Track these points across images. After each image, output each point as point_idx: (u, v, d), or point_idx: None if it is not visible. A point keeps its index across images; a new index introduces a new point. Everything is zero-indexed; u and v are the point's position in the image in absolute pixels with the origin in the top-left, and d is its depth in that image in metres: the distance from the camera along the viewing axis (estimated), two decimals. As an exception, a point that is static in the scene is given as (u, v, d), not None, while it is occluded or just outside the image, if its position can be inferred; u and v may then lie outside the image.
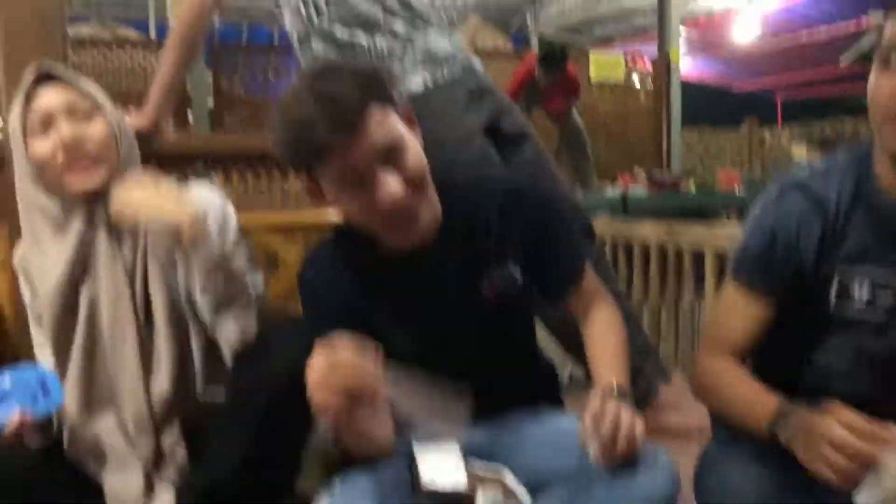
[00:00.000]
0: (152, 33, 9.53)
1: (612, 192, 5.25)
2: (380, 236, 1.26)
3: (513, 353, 1.38)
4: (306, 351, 1.09)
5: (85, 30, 8.79)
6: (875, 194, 1.20)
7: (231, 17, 10.55)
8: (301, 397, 1.13)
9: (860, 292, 1.20)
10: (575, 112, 5.68)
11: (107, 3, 12.18)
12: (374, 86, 1.17)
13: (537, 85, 5.29)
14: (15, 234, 1.41)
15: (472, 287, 1.31)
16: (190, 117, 6.13)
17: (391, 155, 1.17)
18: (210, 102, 6.50)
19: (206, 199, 1.35)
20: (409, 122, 1.23)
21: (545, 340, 1.59)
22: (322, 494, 1.20)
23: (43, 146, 1.29)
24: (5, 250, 1.54)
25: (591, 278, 1.41)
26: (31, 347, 1.44)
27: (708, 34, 12.25)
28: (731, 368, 1.26)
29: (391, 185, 1.16)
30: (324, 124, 1.11)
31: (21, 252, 1.40)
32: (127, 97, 6.23)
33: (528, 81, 5.32)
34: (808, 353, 1.27)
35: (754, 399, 1.18)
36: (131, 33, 9.09)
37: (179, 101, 4.64)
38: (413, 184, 1.19)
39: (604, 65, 7.17)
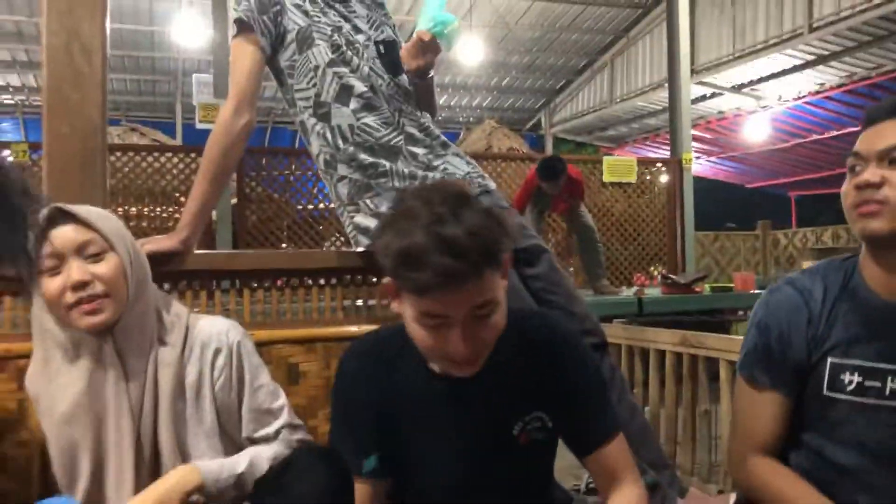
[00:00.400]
0: (178, 136, 9.90)
1: (627, 294, 5.30)
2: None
3: (532, 488, 1.40)
4: (328, 483, 1.13)
5: (114, 131, 9.16)
6: (860, 288, 1.31)
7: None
8: None
9: (850, 380, 1.29)
10: (585, 211, 5.76)
11: (135, 107, 12.74)
12: (494, 250, 1.16)
13: (542, 193, 5.40)
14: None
15: (505, 429, 1.33)
16: (213, 214, 6.28)
17: (479, 312, 1.18)
18: (233, 200, 6.67)
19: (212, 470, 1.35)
20: (505, 272, 1.24)
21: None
22: None
23: (53, 284, 1.30)
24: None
25: (621, 448, 1.38)
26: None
27: (720, 135, 12.52)
28: (778, 472, 1.33)
29: (462, 348, 1.18)
30: (434, 273, 1.11)
31: (31, 373, 1.41)
32: (153, 196, 6.47)
33: (533, 191, 5.42)
34: (813, 444, 1.34)
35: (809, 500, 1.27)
36: (159, 135, 9.46)
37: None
38: (483, 340, 1.21)
39: (616, 167, 7.30)
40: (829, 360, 1.30)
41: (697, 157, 11.13)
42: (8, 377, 1.66)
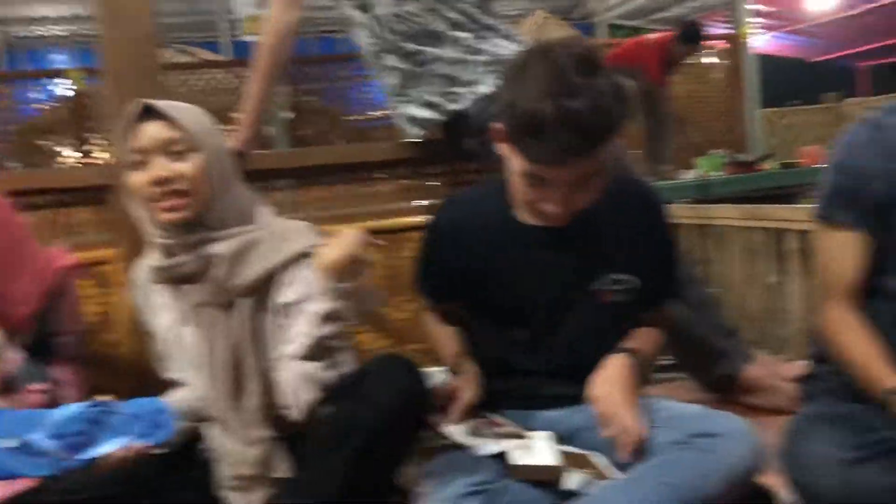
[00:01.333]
0: (227, 53, 9.88)
1: (690, 177, 5.19)
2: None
3: (606, 350, 1.37)
4: (404, 387, 1.22)
5: (164, 54, 9.17)
6: None
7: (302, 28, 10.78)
8: (398, 430, 1.22)
9: None
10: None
11: (178, 28, 12.69)
12: (614, 129, 1.18)
13: (672, 61, 5.32)
14: (133, 253, 1.51)
15: (586, 283, 1.37)
16: (273, 130, 6.30)
17: (580, 181, 1.22)
18: (287, 114, 6.66)
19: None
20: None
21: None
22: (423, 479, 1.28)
23: (137, 178, 1.34)
24: (123, 271, 1.65)
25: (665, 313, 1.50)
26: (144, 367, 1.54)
27: (782, 7, 11.88)
28: (852, 325, 1.30)
29: (558, 208, 1.24)
30: (554, 148, 1.15)
31: (134, 281, 1.47)
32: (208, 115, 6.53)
33: (666, 60, 5.31)
34: (891, 288, 1.30)
35: (871, 367, 1.24)
36: (208, 55, 9.45)
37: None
38: (580, 202, 1.25)
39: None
40: None
41: (762, 33, 10.57)
42: (92, 283, 1.76)
